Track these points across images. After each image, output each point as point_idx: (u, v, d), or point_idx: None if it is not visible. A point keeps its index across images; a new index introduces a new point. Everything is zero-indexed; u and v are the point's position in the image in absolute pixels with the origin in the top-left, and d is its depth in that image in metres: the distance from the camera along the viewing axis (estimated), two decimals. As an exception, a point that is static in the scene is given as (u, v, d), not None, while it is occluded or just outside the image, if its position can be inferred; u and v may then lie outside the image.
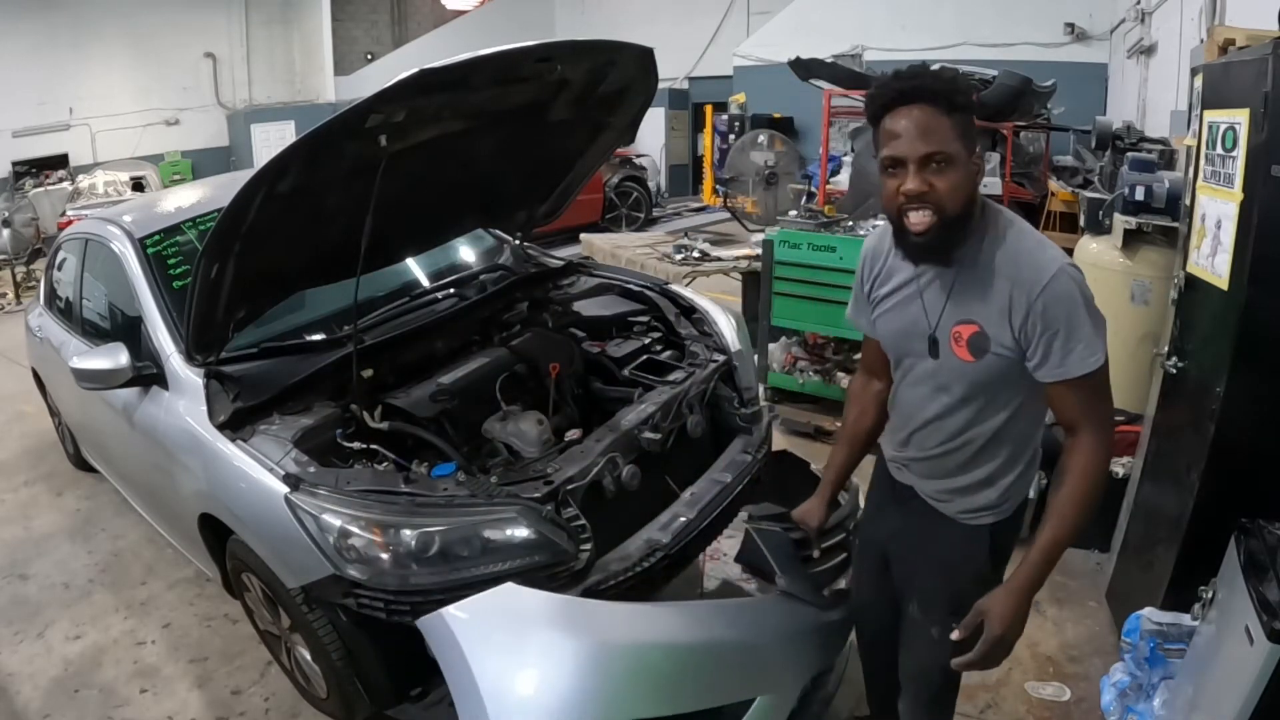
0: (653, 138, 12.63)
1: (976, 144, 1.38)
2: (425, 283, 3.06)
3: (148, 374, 2.44)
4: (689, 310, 2.93)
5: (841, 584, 2.07)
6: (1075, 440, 1.42)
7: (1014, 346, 1.39)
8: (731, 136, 9.75)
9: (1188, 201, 2.34)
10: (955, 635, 1.46)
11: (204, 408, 2.22)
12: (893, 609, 1.78)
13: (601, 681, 1.69)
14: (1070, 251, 4.36)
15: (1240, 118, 1.96)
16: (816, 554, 1.97)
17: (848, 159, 6.99)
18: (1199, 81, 2.31)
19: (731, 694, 1.83)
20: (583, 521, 2.00)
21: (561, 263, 3.24)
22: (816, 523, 1.86)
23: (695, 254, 5.15)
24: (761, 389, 2.96)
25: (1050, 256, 1.37)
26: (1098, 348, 1.35)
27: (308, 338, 2.58)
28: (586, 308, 3.06)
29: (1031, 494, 1.83)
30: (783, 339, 4.57)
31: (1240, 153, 1.96)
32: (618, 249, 5.59)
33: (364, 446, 2.18)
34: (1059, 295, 1.34)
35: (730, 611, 1.94)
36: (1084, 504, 1.41)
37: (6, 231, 8.93)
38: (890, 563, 1.76)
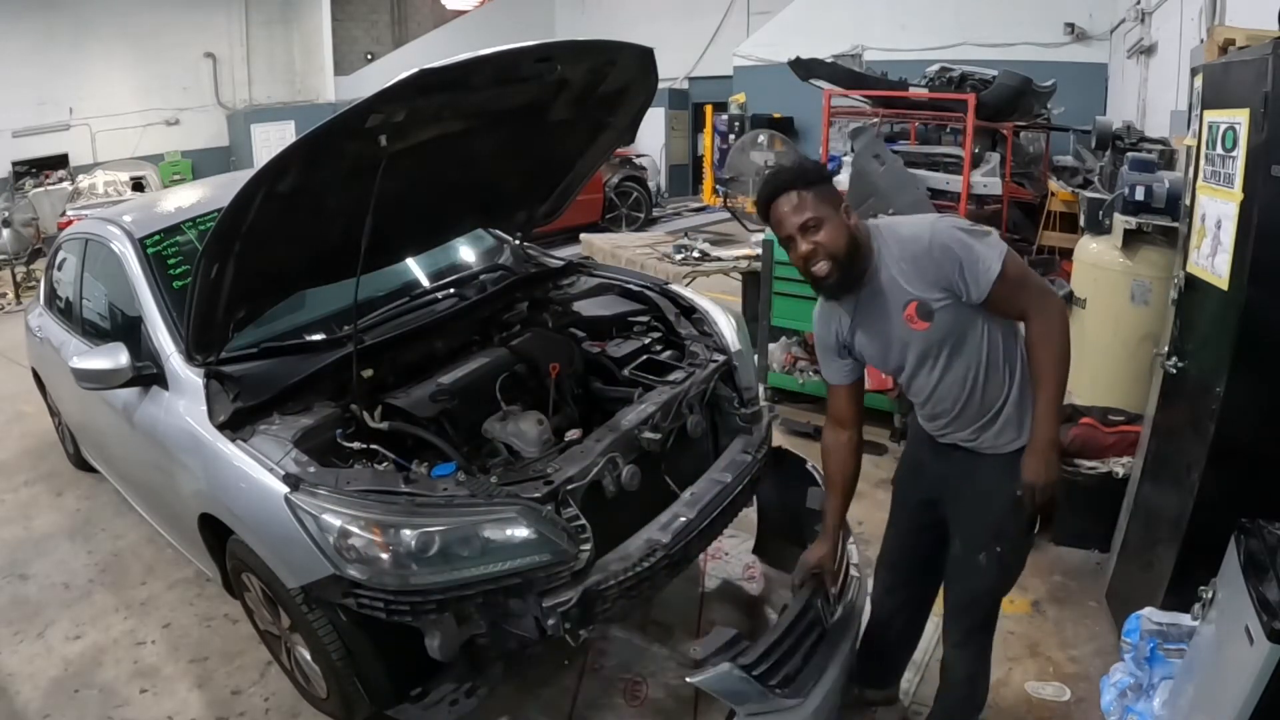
0: (653, 138, 12.64)
1: (840, 200, 1.75)
2: (425, 283, 3.06)
3: (148, 374, 2.44)
4: (689, 310, 2.92)
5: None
6: (1030, 323, 1.73)
7: (944, 294, 1.71)
8: (731, 136, 9.74)
9: (1188, 201, 2.34)
10: (1022, 500, 1.75)
11: (204, 408, 2.22)
12: (921, 565, 2.09)
13: None
14: (1070, 252, 4.36)
15: (1240, 118, 1.96)
16: (835, 590, 2.13)
17: (848, 159, 6.98)
18: (1199, 81, 2.31)
19: None
20: (583, 521, 2.00)
21: (561, 263, 3.24)
22: (832, 563, 2.10)
23: (695, 254, 5.15)
24: (761, 389, 2.96)
25: (919, 224, 1.76)
26: (994, 250, 1.67)
27: (308, 338, 2.58)
28: (586, 308, 3.06)
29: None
30: (783, 339, 4.57)
31: (1240, 153, 1.96)
32: (618, 249, 5.59)
33: (364, 446, 2.18)
34: (940, 239, 1.69)
35: None
36: (1059, 357, 1.71)
37: (6, 231, 8.93)
38: (937, 508, 1.99)
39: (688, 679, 1.94)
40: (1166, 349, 2.43)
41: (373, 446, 2.18)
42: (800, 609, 2.05)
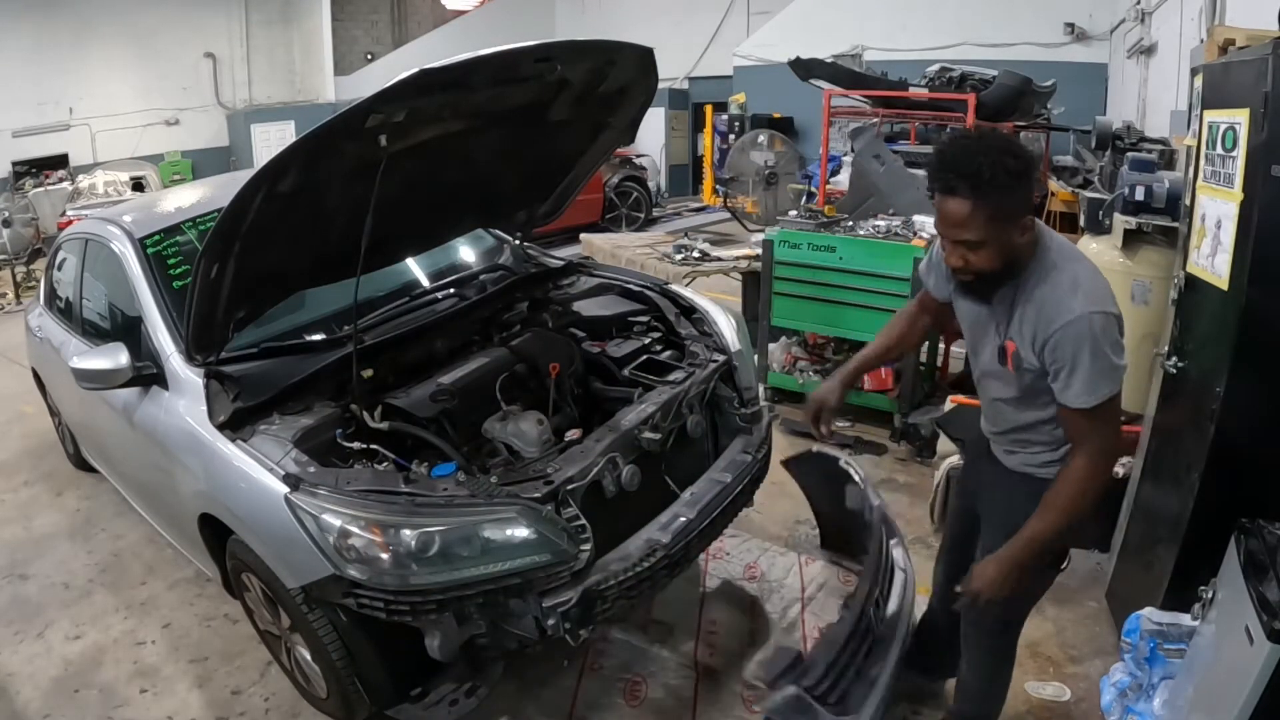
0: (653, 138, 12.63)
1: (1018, 214, 1.54)
2: (425, 283, 3.06)
3: (148, 374, 2.44)
4: (689, 310, 2.93)
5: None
6: (1073, 455, 1.66)
7: (1038, 366, 1.64)
8: (731, 136, 9.75)
9: (1188, 201, 2.34)
10: (957, 589, 1.75)
11: (204, 408, 2.22)
12: (966, 560, 2.00)
13: None
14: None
15: (1240, 118, 1.96)
16: (825, 430, 2.05)
17: (848, 159, 6.98)
18: (1199, 81, 2.31)
19: None
20: (583, 521, 2.00)
21: (561, 263, 3.24)
22: (834, 403, 2.03)
23: (695, 254, 5.15)
24: (761, 389, 2.96)
25: (1076, 303, 1.56)
26: (1099, 388, 1.57)
27: (308, 338, 2.58)
28: (586, 308, 3.06)
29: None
30: (783, 339, 4.57)
31: (1240, 153, 1.96)
32: (618, 249, 5.59)
33: (364, 446, 2.18)
34: (1069, 337, 1.55)
35: None
36: (1066, 509, 1.64)
37: (6, 231, 8.93)
38: (976, 506, 1.98)
39: (756, 708, 1.96)
40: (1166, 349, 2.43)
41: (373, 446, 2.18)
42: (854, 622, 2.06)
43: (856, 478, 2.60)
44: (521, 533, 1.91)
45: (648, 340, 2.87)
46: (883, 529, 2.35)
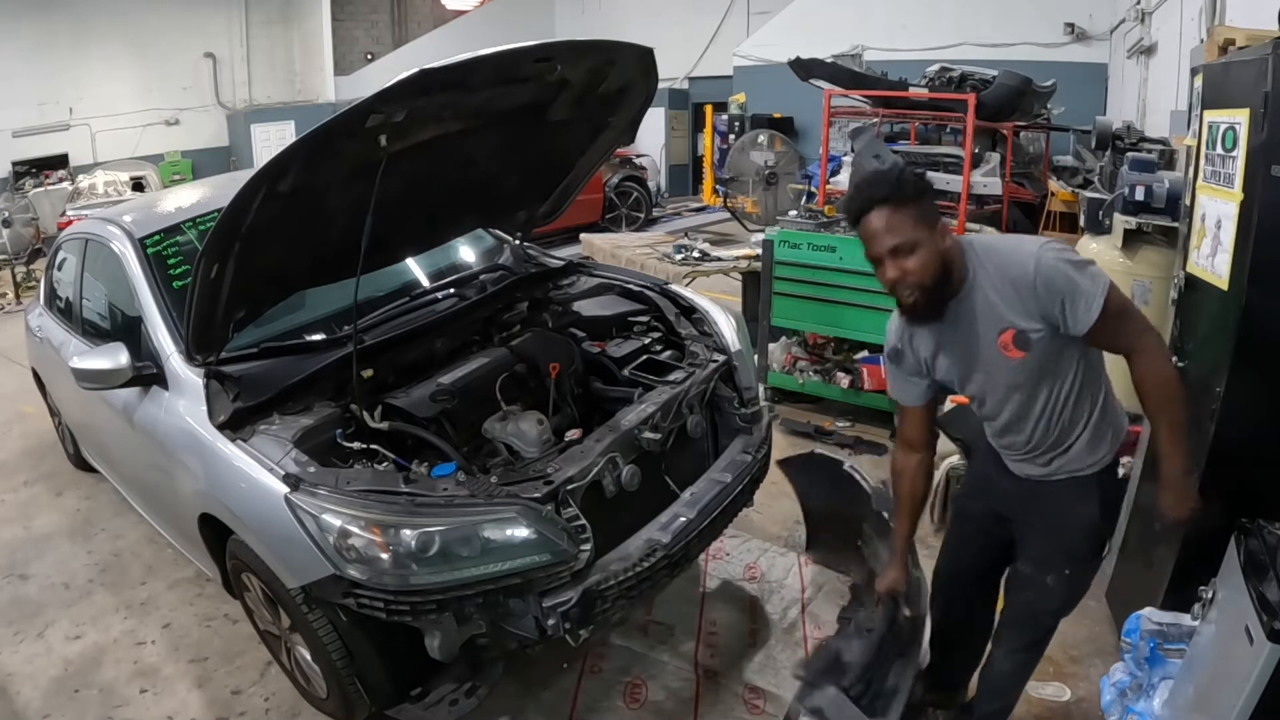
0: (653, 138, 12.64)
1: (937, 219, 1.64)
2: (425, 283, 3.06)
3: (148, 374, 2.44)
4: (689, 310, 2.93)
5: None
6: (1134, 359, 1.67)
7: (1043, 325, 1.63)
8: (731, 136, 9.75)
9: (1188, 201, 2.34)
10: (1172, 512, 1.72)
11: (204, 408, 2.22)
12: (979, 578, 2.07)
13: None
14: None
15: (1240, 118, 1.96)
16: (909, 613, 2.09)
17: (848, 159, 6.98)
18: (1199, 81, 2.30)
19: None
20: (583, 521, 2.00)
21: (561, 263, 3.24)
22: (904, 587, 2.07)
23: (695, 254, 5.15)
24: (761, 389, 2.96)
25: (1022, 250, 1.63)
26: (1098, 285, 1.59)
27: (308, 338, 2.58)
28: (586, 308, 3.06)
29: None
30: (783, 339, 4.57)
31: (1240, 153, 1.96)
32: (618, 249, 5.59)
33: (364, 446, 2.18)
34: (1046, 268, 1.59)
35: None
36: (1174, 393, 1.67)
37: (6, 231, 8.93)
38: (1006, 525, 1.95)
39: (796, 702, 1.94)
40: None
41: (373, 446, 2.18)
42: (886, 629, 2.07)
43: (865, 485, 2.58)
44: (521, 533, 1.91)
45: (648, 340, 2.87)
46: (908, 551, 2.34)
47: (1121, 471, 2.96)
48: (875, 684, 2.00)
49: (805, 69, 7.18)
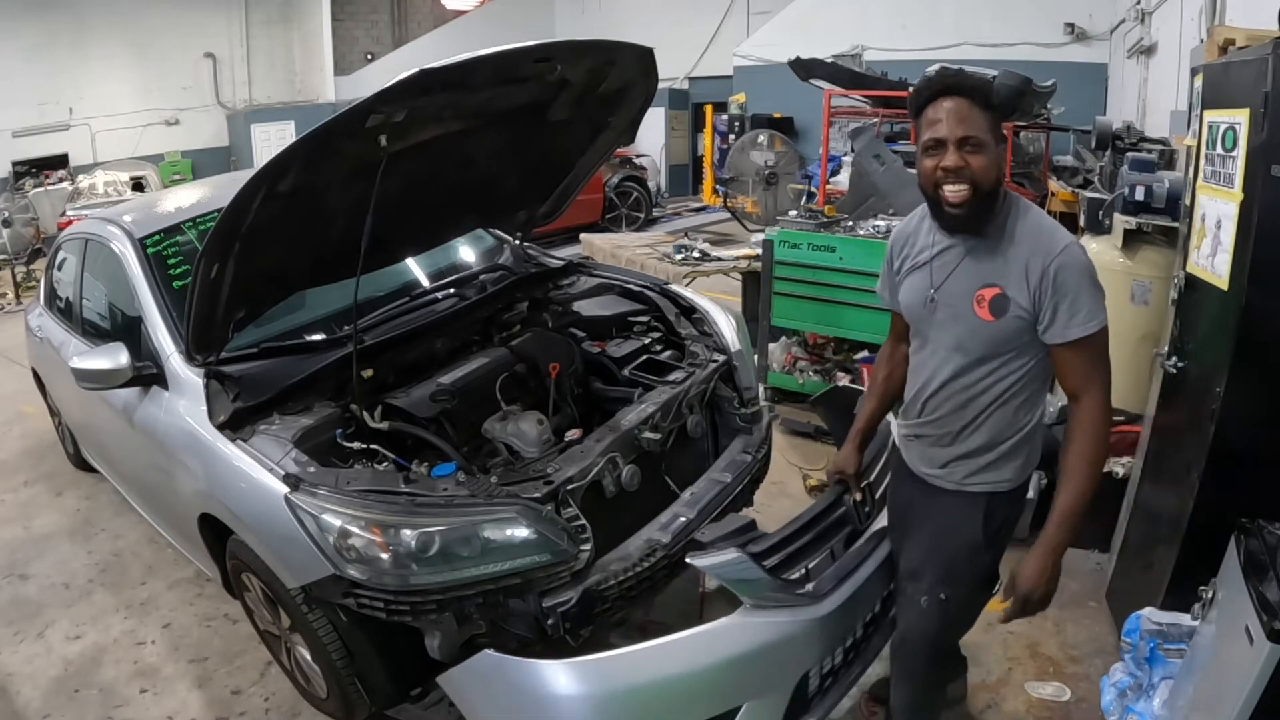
0: (653, 138, 12.64)
1: (1002, 140, 1.59)
2: (425, 283, 3.06)
3: (148, 374, 2.44)
4: (689, 310, 2.93)
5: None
6: (1079, 404, 1.58)
7: (1029, 309, 1.55)
8: (731, 136, 9.75)
9: (1188, 201, 2.34)
10: (999, 598, 1.67)
11: (204, 408, 2.22)
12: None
13: None
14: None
15: (1240, 118, 1.96)
16: (859, 496, 2.06)
17: (848, 159, 6.99)
18: (1199, 81, 2.31)
19: (715, 709, 1.85)
20: (583, 521, 2.00)
21: (561, 263, 3.24)
22: (853, 469, 2.04)
23: (695, 254, 5.15)
24: (761, 389, 2.97)
25: (1063, 233, 1.57)
26: (1099, 314, 1.53)
27: (308, 338, 2.58)
28: (586, 308, 3.06)
29: (1031, 494, 1.85)
30: (783, 339, 4.57)
31: (1240, 153, 1.96)
32: (618, 249, 5.59)
33: (364, 446, 2.18)
34: (1069, 264, 1.52)
35: (698, 641, 1.88)
36: (1095, 460, 1.57)
37: (6, 231, 8.93)
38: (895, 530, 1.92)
39: (688, 559, 1.88)
40: (1166, 349, 2.43)
41: (373, 446, 2.18)
42: (826, 504, 2.01)
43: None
44: (521, 533, 1.91)
45: (648, 340, 2.87)
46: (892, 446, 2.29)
47: (1121, 472, 2.97)
48: (811, 558, 1.94)
49: (805, 69, 7.18)
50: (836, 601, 1.89)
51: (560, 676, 1.78)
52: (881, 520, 2.09)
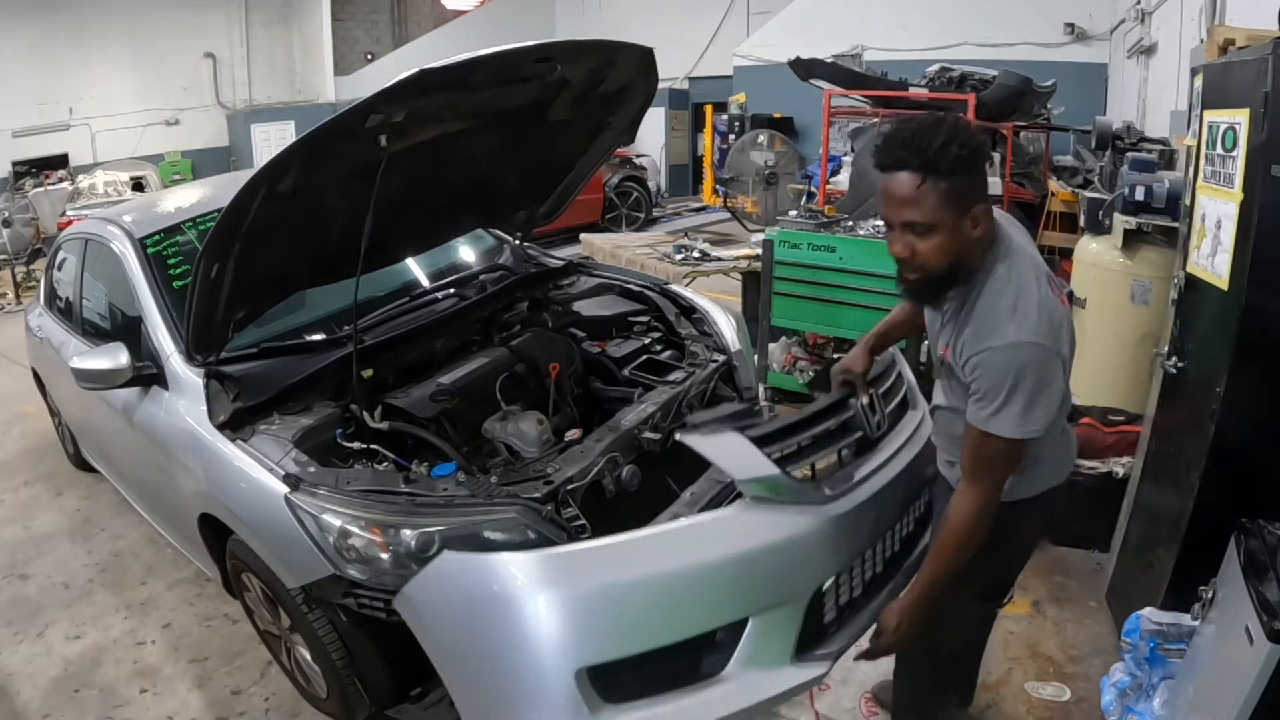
0: (653, 138, 12.63)
1: (973, 203, 1.43)
2: (425, 283, 3.06)
3: (148, 374, 2.44)
4: (689, 310, 2.93)
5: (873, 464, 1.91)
6: (957, 492, 1.60)
7: (962, 380, 1.54)
8: (731, 136, 9.75)
9: (1188, 201, 2.34)
10: (887, 635, 1.69)
11: (204, 408, 2.22)
12: None
13: (560, 633, 1.61)
14: (1070, 252, 4.35)
15: (1240, 118, 1.96)
16: (865, 400, 1.94)
17: (848, 159, 6.99)
18: (1199, 81, 2.30)
19: (715, 619, 1.70)
20: (583, 521, 2.00)
21: (561, 263, 3.24)
22: (861, 369, 1.92)
23: (695, 254, 5.15)
24: (761, 389, 2.97)
25: (1008, 329, 1.44)
26: (1003, 423, 1.46)
27: (308, 338, 2.58)
28: (586, 308, 3.06)
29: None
30: (783, 339, 4.57)
31: (1240, 153, 1.96)
32: (618, 249, 5.59)
33: (364, 446, 2.18)
34: (991, 364, 1.45)
35: (691, 534, 1.75)
36: (950, 547, 1.58)
37: (6, 231, 8.93)
38: None
39: (678, 436, 1.74)
40: (1166, 349, 2.43)
41: (373, 446, 2.18)
42: (831, 403, 1.90)
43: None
44: (521, 533, 1.91)
45: (648, 340, 2.87)
46: (901, 372, 2.18)
47: (1121, 471, 2.97)
48: (816, 454, 1.84)
49: (805, 69, 7.17)
50: (850, 504, 1.75)
51: (527, 570, 1.62)
52: (897, 437, 2.00)
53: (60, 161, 10.88)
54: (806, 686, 1.77)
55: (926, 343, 4.24)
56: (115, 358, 2.38)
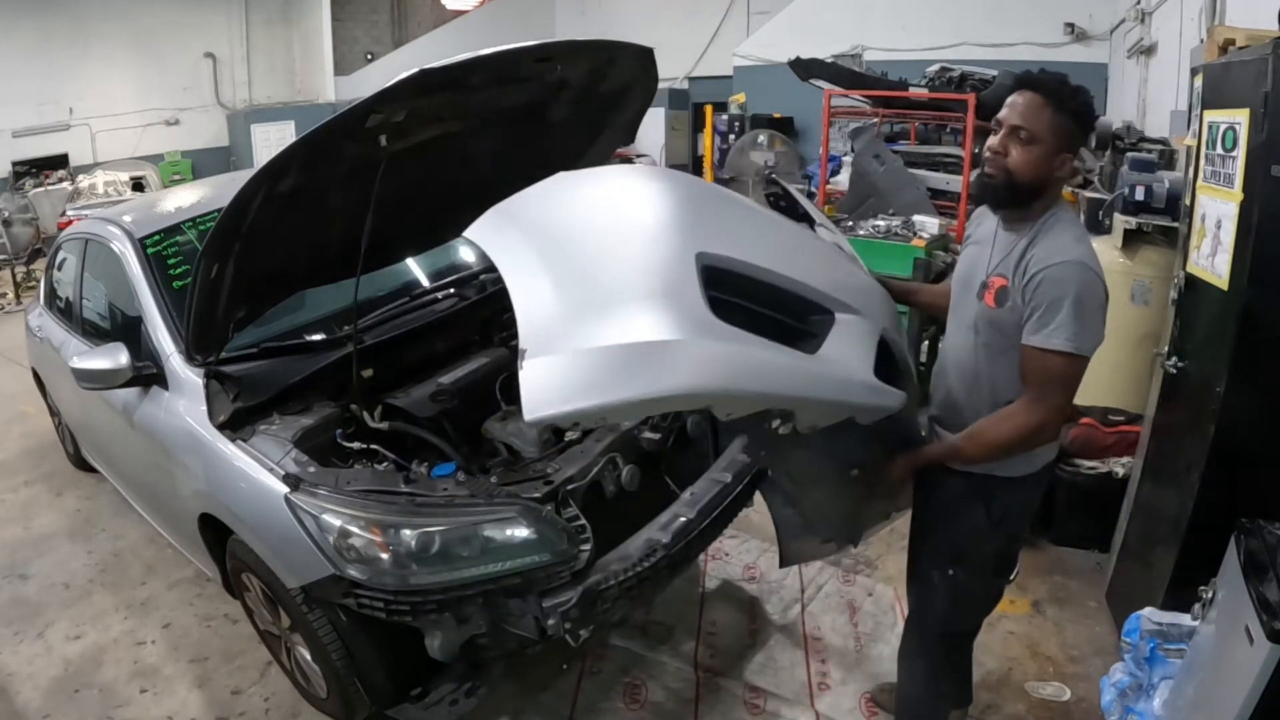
0: (653, 138, 12.61)
1: (1071, 148, 1.62)
2: (425, 283, 3.05)
3: (148, 374, 2.44)
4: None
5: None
6: (1020, 399, 1.65)
7: (1020, 305, 1.62)
8: (731, 136, 9.75)
9: (1188, 201, 2.34)
10: (896, 467, 1.82)
11: (204, 408, 2.22)
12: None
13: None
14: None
15: (1240, 118, 1.96)
16: None
17: (848, 159, 6.99)
18: (1199, 81, 2.31)
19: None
20: (583, 521, 2.00)
21: (561, 262, 3.23)
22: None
23: (695, 254, 5.13)
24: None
25: (1074, 250, 1.58)
26: (1069, 338, 1.54)
27: (308, 338, 2.58)
28: (586, 308, 3.05)
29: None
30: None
31: (1240, 153, 1.96)
32: (618, 249, 5.57)
33: (364, 446, 2.18)
34: (1055, 277, 1.56)
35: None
36: (995, 444, 1.66)
37: (6, 231, 8.93)
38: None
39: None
40: (1166, 349, 2.43)
41: (373, 446, 2.18)
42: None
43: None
44: (521, 533, 1.91)
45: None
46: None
47: (1121, 471, 2.97)
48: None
49: (805, 69, 7.18)
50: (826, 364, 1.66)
51: None
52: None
53: (60, 161, 10.86)
54: (879, 411, 1.71)
55: (926, 343, 4.26)
56: (115, 358, 2.38)
